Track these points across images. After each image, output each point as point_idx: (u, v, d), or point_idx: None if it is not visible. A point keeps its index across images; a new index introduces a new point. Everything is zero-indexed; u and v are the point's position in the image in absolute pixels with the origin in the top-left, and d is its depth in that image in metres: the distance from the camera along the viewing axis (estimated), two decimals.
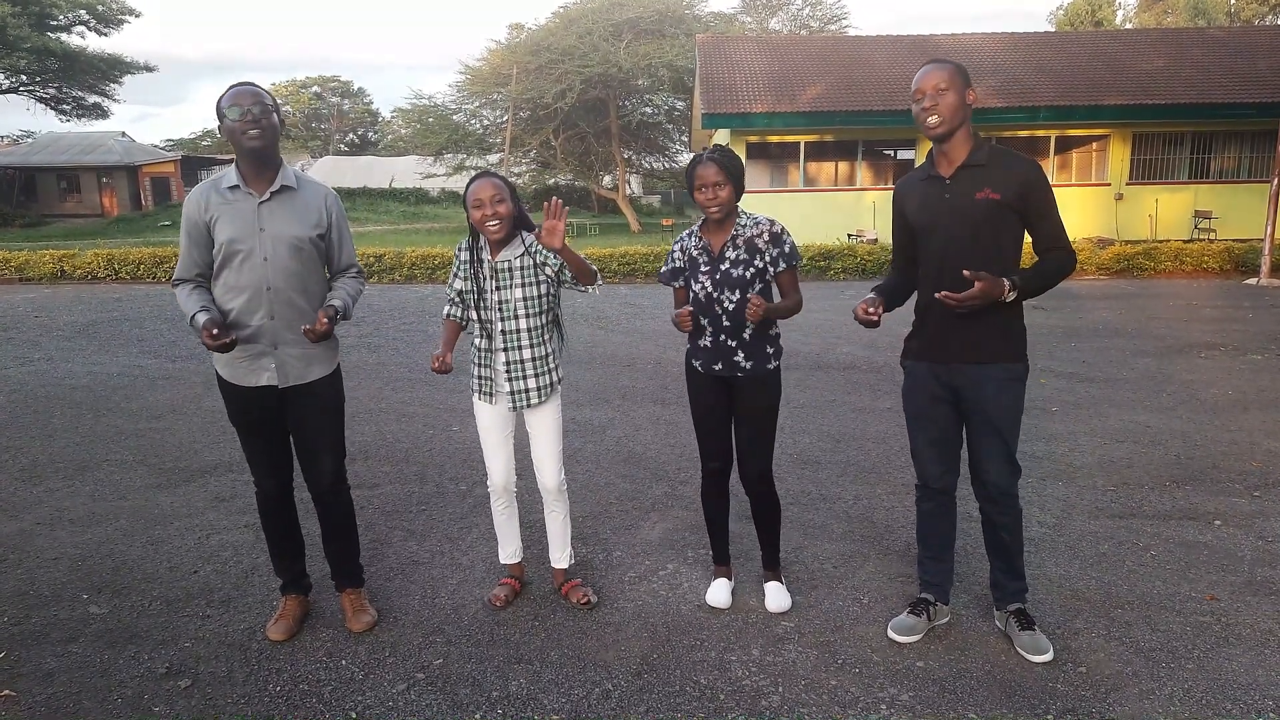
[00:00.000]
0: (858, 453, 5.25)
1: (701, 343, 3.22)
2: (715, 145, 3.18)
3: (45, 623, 3.28)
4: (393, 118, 51.15)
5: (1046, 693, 2.77)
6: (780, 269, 3.14)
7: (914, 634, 3.09)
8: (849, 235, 18.29)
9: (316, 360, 3.11)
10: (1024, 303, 2.89)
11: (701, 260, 3.19)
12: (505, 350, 3.23)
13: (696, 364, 3.27)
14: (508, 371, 3.25)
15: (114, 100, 38.84)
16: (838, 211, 19.66)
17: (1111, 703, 2.71)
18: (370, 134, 70.06)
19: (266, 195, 2.97)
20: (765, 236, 3.14)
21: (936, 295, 2.79)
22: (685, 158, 36.45)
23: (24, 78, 35.01)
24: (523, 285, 3.19)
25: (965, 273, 2.73)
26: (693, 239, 3.25)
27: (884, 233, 18.38)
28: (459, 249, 3.31)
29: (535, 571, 3.66)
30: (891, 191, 3.17)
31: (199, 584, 3.59)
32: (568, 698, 2.79)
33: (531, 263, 3.20)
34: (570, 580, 3.47)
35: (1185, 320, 9.86)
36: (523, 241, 3.22)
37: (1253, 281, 13.16)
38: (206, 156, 50.06)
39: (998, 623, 3.16)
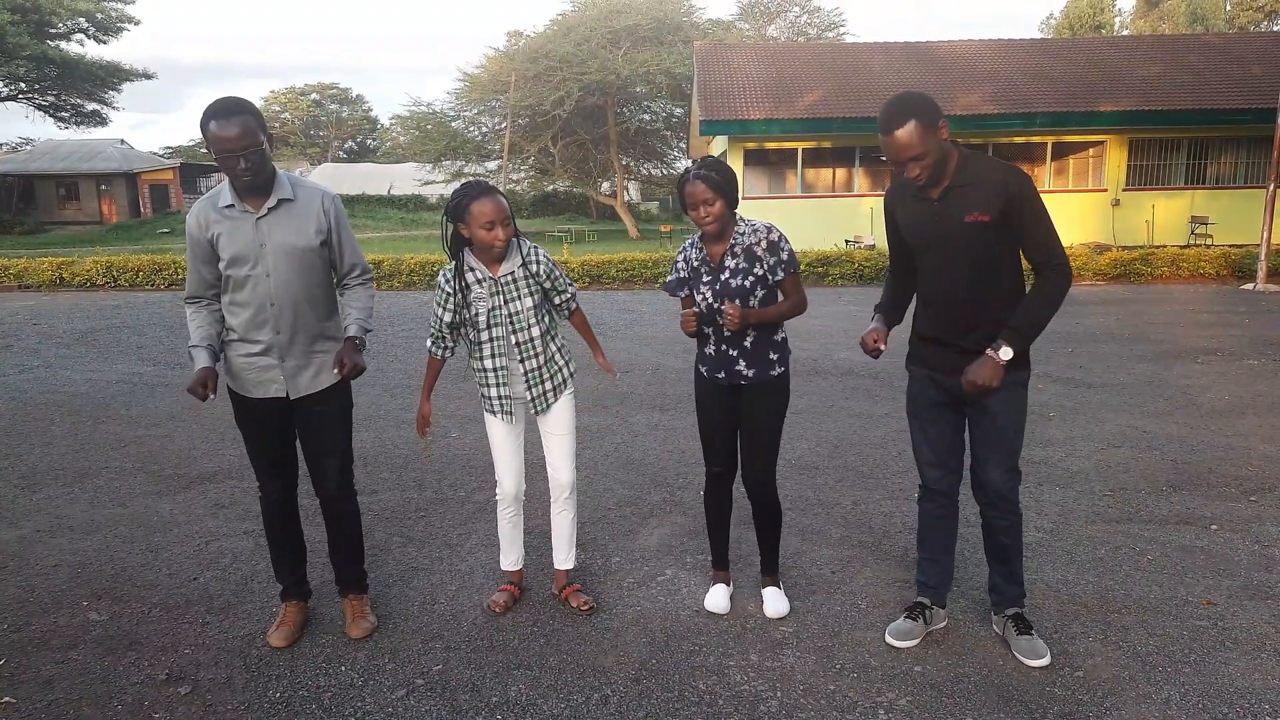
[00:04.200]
0: (855, 458, 5.26)
1: (707, 350, 3.26)
2: (703, 159, 3.16)
3: (45, 630, 3.28)
4: (391, 125, 51.18)
5: (1043, 697, 2.78)
6: (779, 276, 3.16)
7: (911, 638, 3.10)
8: (846, 241, 18.32)
9: (325, 369, 3.11)
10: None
11: (703, 270, 3.21)
12: (523, 360, 3.24)
13: (703, 370, 3.30)
14: (526, 379, 3.26)
15: (113, 108, 38.95)
16: (835, 218, 19.70)
17: (1108, 707, 2.72)
18: (369, 141, 70.16)
19: (264, 211, 2.95)
20: (763, 245, 3.14)
21: (964, 386, 2.79)
22: (683, 164, 36.53)
23: (23, 85, 35.05)
24: (530, 294, 3.21)
25: (964, 384, 2.77)
26: (694, 249, 3.26)
27: (881, 239, 18.41)
28: (444, 279, 3.20)
29: (534, 578, 3.67)
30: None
31: (198, 590, 3.60)
32: (567, 703, 2.79)
33: (529, 274, 3.21)
34: (570, 584, 3.48)
35: (1182, 325, 9.88)
36: (520, 251, 3.21)
37: (1249, 287, 13.19)
38: (206, 164, 50.06)
39: (995, 627, 3.17)
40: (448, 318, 3.23)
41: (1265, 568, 3.66)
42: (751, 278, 3.13)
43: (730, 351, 3.18)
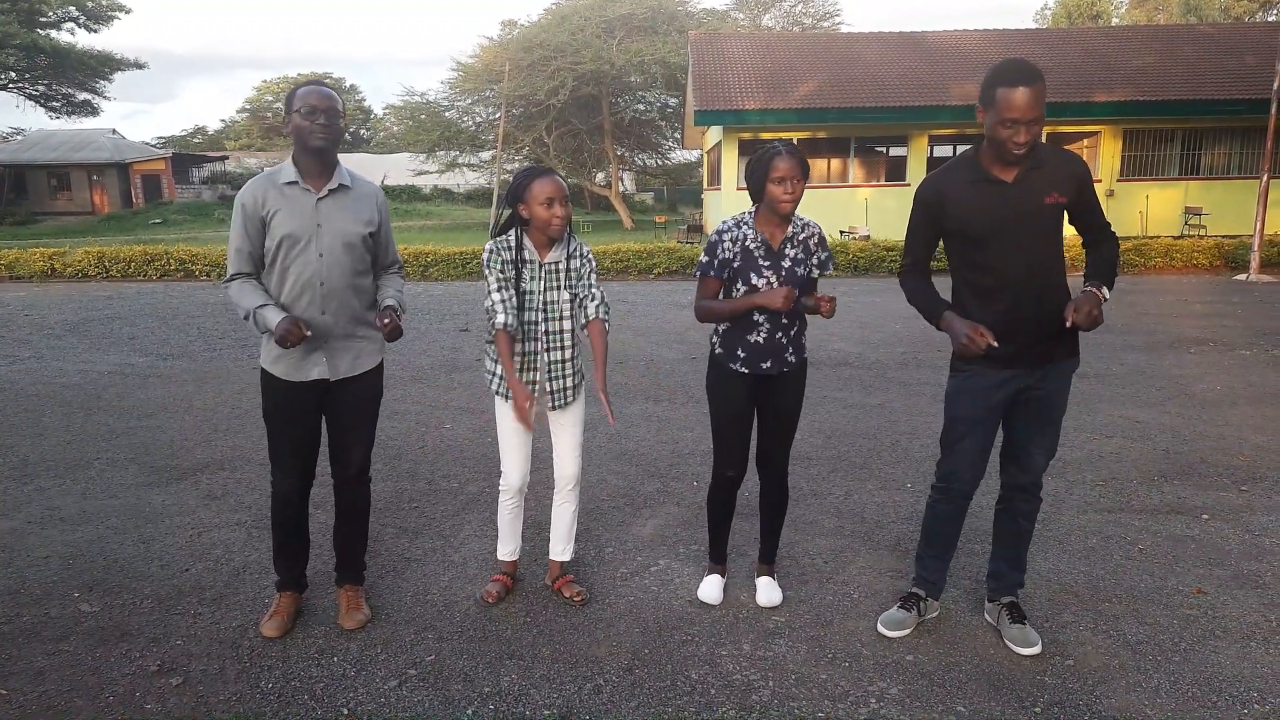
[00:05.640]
0: (849, 449, 5.27)
1: (752, 339, 3.15)
2: (785, 140, 3.12)
3: (36, 621, 3.27)
4: (385, 115, 51.05)
5: (1034, 685, 2.79)
6: (827, 271, 3.22)
7: (904, 628, 3.11)
8: (841, 232, 18.31)
9: (366, 352, 3.17)
10: None
11: (759, 254, 3.12)
12: (548, 351, 3.23)
13: (736, 366, 3.19)
14: (549, 370, 3.25)
15: (104, 97, 38.75)
16: (830, 208, 19.69)
17: (1099, 695, 2.74)
18: (362, 131, 69.90)
19: (324, 192, 3.00)
20: (816, 239, 3.19)
21: (1069, 324, 2.68)
22: (678, 155, 36.53)
23: (13, 75, 34.85)
24: (569, 287, 3.21)
25: (1067, 320, 2.68)
26: (745, 229, 3.13)
27: (876, 230, 18.42)
28: (502, 249, 3.13)
29: (527, 568, 3.67)
30: (889, 188, 3.17)
31: (190, 582, 3.59)
32: (559, 693, 2.80)
33: (571, 268, 3.21)
34: (564, 575, 3.48)
35: (1175, 316, 9.91)
36: (567, 243, 3.21)
37: (1242, 277, 13.24)
38: (197, 154, 49.87)
39: (988, 616, 3.18)
40: (500, 294, 3.10)
41: (1255, 557, 3.68)
42: (806, 268, 3.16)
43: (783, 340, 3.17)
